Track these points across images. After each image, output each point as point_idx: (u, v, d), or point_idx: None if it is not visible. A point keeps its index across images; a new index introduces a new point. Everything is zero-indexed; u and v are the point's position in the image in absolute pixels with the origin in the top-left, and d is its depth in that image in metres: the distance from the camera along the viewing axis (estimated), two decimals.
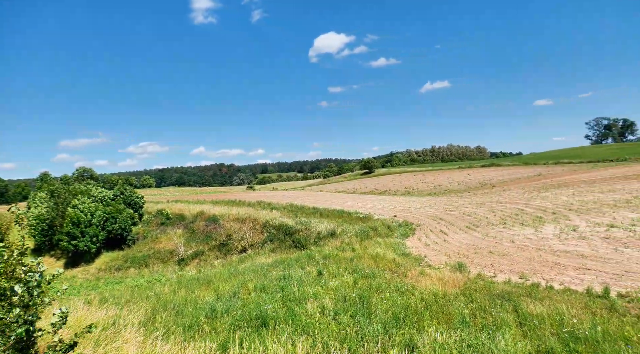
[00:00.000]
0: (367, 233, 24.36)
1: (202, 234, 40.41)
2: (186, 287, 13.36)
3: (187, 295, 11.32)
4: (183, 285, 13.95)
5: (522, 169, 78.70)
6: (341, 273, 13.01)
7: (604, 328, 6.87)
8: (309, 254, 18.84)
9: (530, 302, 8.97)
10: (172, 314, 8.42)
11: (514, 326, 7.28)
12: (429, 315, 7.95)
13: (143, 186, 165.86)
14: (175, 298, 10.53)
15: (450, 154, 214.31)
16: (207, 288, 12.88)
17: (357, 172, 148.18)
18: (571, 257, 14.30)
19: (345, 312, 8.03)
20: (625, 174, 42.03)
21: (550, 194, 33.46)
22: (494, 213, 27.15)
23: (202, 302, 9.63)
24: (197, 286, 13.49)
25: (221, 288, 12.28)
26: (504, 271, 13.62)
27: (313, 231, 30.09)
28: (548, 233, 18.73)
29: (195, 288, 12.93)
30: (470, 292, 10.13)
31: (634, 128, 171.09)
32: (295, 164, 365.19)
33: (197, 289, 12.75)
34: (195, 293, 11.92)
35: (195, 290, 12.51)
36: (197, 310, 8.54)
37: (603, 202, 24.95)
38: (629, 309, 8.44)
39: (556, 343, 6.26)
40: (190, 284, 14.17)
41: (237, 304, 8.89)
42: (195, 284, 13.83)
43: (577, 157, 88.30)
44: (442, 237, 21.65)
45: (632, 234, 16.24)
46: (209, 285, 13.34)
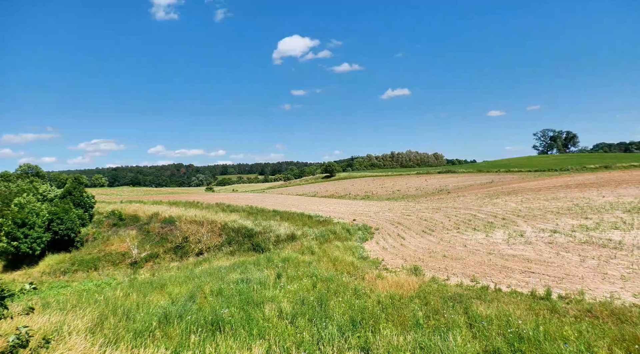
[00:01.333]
0: (327, 236, 24.51)
1: (157, 236, 39.05)
2: (139, 291, 12.85)
3: (140, 299, 10.90)
4: (135, 289, 13.41)
5: (475, 176, 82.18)
6: (300, 276, 13.01)
7: (546, 328, 7.30)
8: (268, 257, 18.69)
9: (480, 304, 9.38)
10: (122, 319, 8.07)
11: (465, 327, 7.57)
12: (385, 318, 8.12)
13: (95, 186, 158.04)
14: (126, 303, 10.11)
15: (409, 160, 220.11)
16: (161, 291, 12.46)
17: (318, 176, 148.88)
18: (518, 261, 15.08)
19: (303, 315, 8.04)
20: (567, 184, 44.96)
21: (500, 201, 35.16)
22: (448, 218, 28.15)
23: (155, 306, 9.31)
24: (150, 289, 13.01)
25: (176, 291, 11.93)
26: (457, 274, 14.15)
27: (273, 234, 29.91)
28: (498, 238, 19.65)
29: (148, 292, 12.47)
30: (424, 295, 10.44)
31: (575, 140, 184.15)
32: (256, 166, 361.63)
33: (151, 293, 12.30)
34: (149, 297, 11.50)
35: (149, 294, 12.07)
36: (149, 315, 8.25)
37: (547, 210, 26.53)
38: (568, 310, 9.02)
39: (502, 343, 6.59)
40: (143, 287, 13.65)
41: (192, 309, 8.67)
42: (148, 288, 13.33)
43: (526, 166, 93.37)
44: (400, 241, 22.17)
45: (572, 240, 17.38)
46: (163, 289, 12.91)
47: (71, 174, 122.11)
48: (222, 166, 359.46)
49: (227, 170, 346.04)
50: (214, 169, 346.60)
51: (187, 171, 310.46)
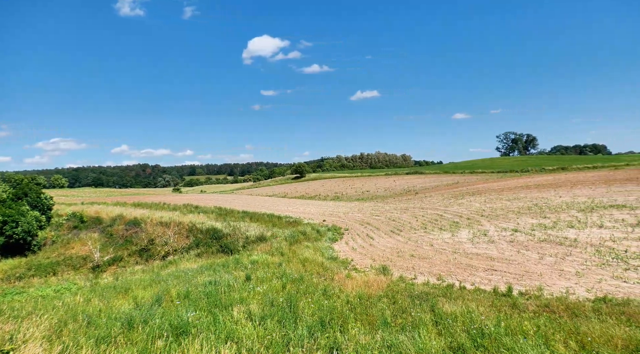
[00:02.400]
0: (297, 237, 24.50)
1: (121, 238, 37.75)
2: (101, 295, 12.39)
3: (102, 304, 10.52)
4: (97, 294, 12.92)
5: (442, 177, 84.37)
6: (269, 278, 12.95)
7: (507, 323, 7.61)
8: (237, 259, 18.48)
9: (446, 302, 9.64)
10: (83, 325, 7.76)
11: (431, 325, 7.76)
12: (354, 317, 8.20)
13: (54, 186, 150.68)
14: (87, 308, 9.73)
15: (378, 161, 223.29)
16: (124, 296, 12.07)
17: (288, 177, 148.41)
18: (482, 260, 15.62)
19: (272, 317, 8.00)
20: (527, 184, 46.93)
21: (465, 201, 36.26)
22: (416, 218, 28.77)
23: (118, 311, 9.00)
24: (113, 294, 12.57)
25: (141, 295, 11.57)
26: (424, 273, 14.49)
27: (242, 236, 29.58)
28: (463, 237, 20.27)
29: (111, 297, 12.04)
30: (392, 294, 10.63)
31: (535, 143, 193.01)
32: (225, 166, 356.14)
33: (114, 297, 11.89)
34: (112, 301, 11.10)
35: (112, 299, 11.65)
36: (112, 320, 7.97)
37: (509, 209, 27.61)
38: (527, 306, 9.43)
39: (466, 339, 6.80)
40: (105, 292, 13.17)
41: (157, 313, 8.44)
42: (111, 293, 12.88)
43: (489, 168, 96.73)
44: (369, 241, 22.46)
45: (532, 238, 18.16)
46: (127, 293, 12.51)
47: (28, 175, 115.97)
48: (190, 167, 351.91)
49: (195, 171, 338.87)
50: (182, 169, 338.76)
51: (153, 171, 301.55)
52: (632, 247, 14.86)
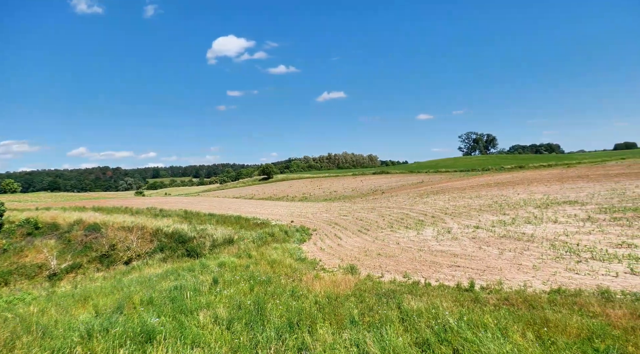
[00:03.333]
0: (265, 239, 24.34)
1: (80, 245, 36.12)
2: (58, 305, 11.80)
3: (59, 314, 10.02)
4: (54, 303, 12.29)
5: (407, 176, 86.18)
6: (237, 280, 12.78)
7: (469, 317, 7.87)
8: (203, 263, 18.12)
9: (412, 299, 9.85)
10: (37, 337, 7.37)
11: (397, 321, 7.91)
12: (322, 317, 8.24)
13: (5, 191, 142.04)
14: (43, 319, 9.24)
15: (345, 162, 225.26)
16: (84, 304, 11.55)
17: (255, 178, 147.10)
18: (446, 256, 16.08)
19: (240, 320, 7.92)
20: (488, 182, 48.77)
21: (430, 200, 37.23)
22: (383, 218, 29.24)
23: (76, 321, 8.61)
24: (72, 303, 12.01)
25: (101, 303, 11.12)
26: (390, 271, 14.75)
27: (209, 239, 29.07)
28: (428, 235, 20.79)
29: (69, 306, 11.50)
30: (360, 292, 10.76)
31: (495, 142, 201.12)
32: (190, 168, 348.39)
33: (72, 306, 11.36)
34: (69, 311, 10.61)
35: (70, 308, 11.13)
36: (70, 331, 7.61)
37: (471, 207, 28.59)
38: (488, 300, 9.79)
39: (431, 334, 6.99)
40: (63, 301, 12.56)
41: (119, 321, 8.14)
42: (69, 301, 12.29)
43: (452, 167, 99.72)
44: (337, 241, 22.62)
45: (492, 234, 18.88)
46: (87, 301, 11.98)
47: None
48: (153, 169, 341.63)
49: (159, 173, 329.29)
50: (145, 172, 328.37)
51: (115, 174, 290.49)
52: (583, 240, 15.74)
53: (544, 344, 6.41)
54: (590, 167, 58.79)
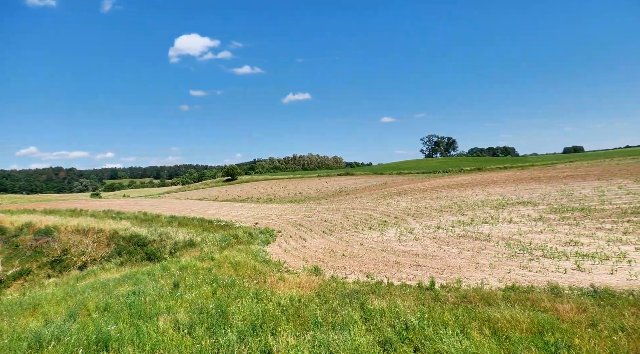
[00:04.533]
0: (229, 241, 23.98)
1: (29, 249, 34.03)
2: (4, 314, 11.10)
3: (4, 324, 9.42)
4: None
5: (372, 178, 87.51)
6: (199, 284, 12.53)
7: (429, 315, 8.10)
8: (164, 266, 17.61)
9: (375, 298, 10.01)
10: None
11: (360, 321, 8.02)
12: (286, 319, 8.22)
13: None
14: None
15: (311, 163, 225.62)
16: (33, 313, 10.93)
17: (219, 179, 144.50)
18: (408, 256, 16.45)
19: (202, 324, 7.76)
20: (448, 184, 50.37)
21: (393, 201, 37.97)
22: (347, 218, 29.53)
23: (24, 330, 8.13)
24: (19, 311, 11.33)
25: (53, 311, 10.56)
26: (354, 272, 14.91)
27: (170, 241, 28.25)
28: (391, 235, 21.19)
29: (17, 314, 10.84)
30: (324, 293, 10.81)
31: (455, 145, 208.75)
32: (151, 169, 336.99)
33: (20, 315, 10.71)
34: (17, 320, 9.99)
35: (17, 317, 10.49)
36: (17, 341, 7.18)
37: (432, 208, 29.42)
38: (448, 298, 10.11)
39: (393, 333, 7.14)
40: (10, 310, 11.82)
41: (72, 329, 7.76)
42: (17, 310, 11.59)
43: (415, 169, 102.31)
44: (301, 242, 22.61)
45: (452, 234, 19.51)
46: (37, 309, 11.34)
47: None
48: (111, 170, 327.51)
49: (117, 174, 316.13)
50: (102, 173, 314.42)
51: (68, 175, 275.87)
52: (535, 239, 16.57)
53: (499, 339, 6.70)
54: (542, 170, 62.07)
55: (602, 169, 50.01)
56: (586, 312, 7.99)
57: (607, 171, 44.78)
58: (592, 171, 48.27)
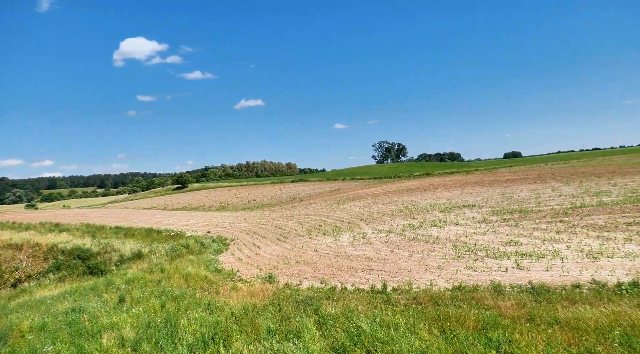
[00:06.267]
0: (179, 251, 23.19)
1: None
2: None
3: None
4: None
5: (325, 184, 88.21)
6: (147, 297, 11.99)
7: (381, 318, 8.27)
8: (109, 280, 16.71)
9: (329, 304, 10.07)
10: None
11: (314, 328, 8.03)
12: (239, 329, 8.06)
13: None
14: None
15: (264, 170, 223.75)
16: None
17: (168, 188, 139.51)
18: (361, 261, 16.73)
19: (149, 340, 7.42)
20: (399, 189, 51.91)
21: (347, 206, 38.51)
22: (301, 225, 29.54)
23: None
24: None
25: None
26: (309, 278, 14.93)
27: (115, 254, 26.84)
28: (344, 241, 21.46)
29: None
30: (278, 301, 10.72)
31: (405, 151, 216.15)
32: (94, 178, 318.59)
33: None
34: None
35: None
36: None
37: (384, 212, 30.16)
38: (399, 300, 10.38)
39: (346, 338, 7.21)
40: None
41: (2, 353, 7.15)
42: None
43: (367, 174, 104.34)
44: (255, 250, 22.32)
45: (403, 238, 20.10)
46: None
47: None
48: (49, 179, 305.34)
49: (55, 184, 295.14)
50: (38, 182, 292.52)
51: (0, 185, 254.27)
52: (480, 240, 17.47)
53: (447, 338, 6.97)
54: (485, 174, 65.66)
55: (538, 173, 53.78)
56: (525, 308, 8.51)
57: (543, 175, 48.22)
58: (529, 175, 51.75)
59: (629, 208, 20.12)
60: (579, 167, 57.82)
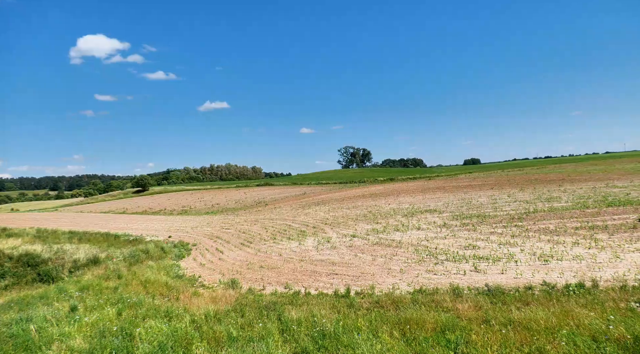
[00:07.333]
0: (138, 257, 22.34)
1: None
2: None
3: None
4: None
5: (291, 188, 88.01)
6: (102, 305, 11.46)
7: (344, 322, 8.33)
8: (60, 288, 15.86)
9: (292, 309, 10.03)
10: None
11: (277, 333, 7.97)
12: (199, 337, 7.86)
13: None
14: None
15: (229, 173, 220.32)
16: None
17: (128, 191, 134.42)
18: (325, 265, 16.78)
19: (103, 350, 7.10)
20: (364, 194, 52.60)
21: (312, 211, 38.57)
22: (266, 229, 29.29)
23: None
24: None
25: None
26: (272, 283, 14.82)
27: (69, 260, 25.42)
28: (309, 245, 21.47)
29: None
30: (241, 307, 10.56)
31: (370, 156, 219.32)
32: (47, 180, 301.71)
33: None
34: None
35: None
36: None
37: (349, 217, 30.45)
38: (362, 304, 10.51)
39: (309, 342, 7.21)
40: None
41: None
42: None
43: (332, 179, 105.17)
44: (218, 255, 21.91)
45: (366, 242, 20.36)
46: None
47: None
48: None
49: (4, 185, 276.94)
50: None
51: None
52: (440, 244, 17.98)
53: (408, 340, 7.12)
54: (446, 180, 67.77)
55: (495, 179, 56.12)
56: (481, 309, 8.84)
57: (499, 181, 50.37)
58: (487, 181, 53.92)
59: (577, 213, 21.38)
60: (533, 174, 60.86)
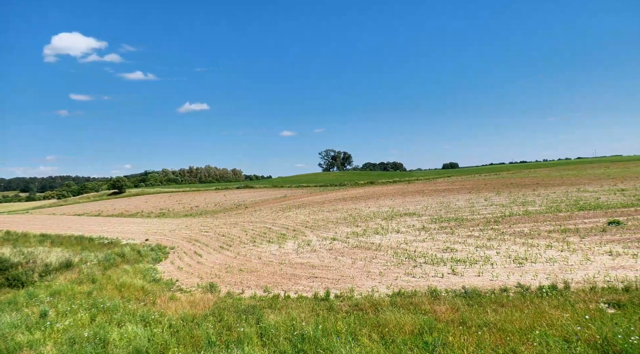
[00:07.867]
0: (113, 261, 21.82)
1: None
2: None
3: None
4: None
5: (271, 191, 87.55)
6: (75, 310, 11.14)
7: (324, 325, 8.33)
8: (30, 293, 15.31)
9: (271, 313, 9.98)
10: None
11: (256, 337, 7.91)
12: (176, 342, 7.74)
13: None
14: None
15: (208, 176, 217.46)
16: None
17: (103, 193, 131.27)
18: (305, 268, 16.75)
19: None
20: (344, 197, 52.80)
21: (292, 214, 38.47)
22: (245, 232, 29.05)
23: None
24: None
25: None
26: (251, 287, 14.69)
27: (40, 263, 24.55)
28: (289, 248, 21.38)
29: None
30: (219, 311, 10.43)
31: (350, 160, 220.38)
32: (17, 181, 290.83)
33: None
34: None
35: None
36: None
37: (329, 220, 30.50)
38: (341, 307, 10.53)
39: (288, 346, 7.18)
40: None
41: None
42: None
43: (313, 182, 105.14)
44: (196, 258, 21.59)
45: (347, 245, 20.43)
46: None
47: None
48: None
49: None
50: None
51: None
52: (419, 248, 18.20)
53: (386, 343, 7.18)
54: (425, 184, 68.70)
55: (472, 183, 57.23)
56: (458, 311, 8.99)
57: (477, 185, 51.39)
58: (465, 185, 54.93)
59: (550, 217, 22.00)
60: (509, 178, 62.35)
